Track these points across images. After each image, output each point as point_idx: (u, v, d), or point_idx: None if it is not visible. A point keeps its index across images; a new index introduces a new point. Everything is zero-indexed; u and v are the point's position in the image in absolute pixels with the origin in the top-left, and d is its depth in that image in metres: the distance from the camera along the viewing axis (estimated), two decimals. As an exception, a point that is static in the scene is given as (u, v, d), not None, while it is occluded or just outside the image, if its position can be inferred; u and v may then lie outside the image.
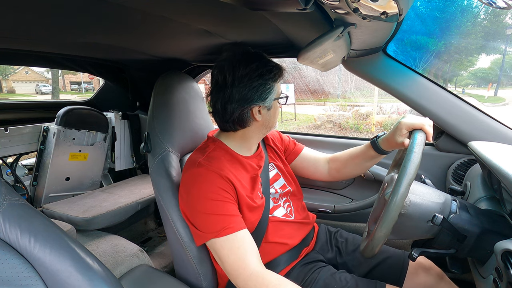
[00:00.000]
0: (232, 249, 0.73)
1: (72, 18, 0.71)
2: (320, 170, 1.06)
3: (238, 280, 0.72)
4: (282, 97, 0.87)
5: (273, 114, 0.87)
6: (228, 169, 0.80)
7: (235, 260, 0.72)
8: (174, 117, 0.98)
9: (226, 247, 0.73)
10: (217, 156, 0.82)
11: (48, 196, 1.56)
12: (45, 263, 0.48)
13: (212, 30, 0.83)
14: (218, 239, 0.74)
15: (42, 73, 22.90)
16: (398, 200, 0.59)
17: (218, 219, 0.74)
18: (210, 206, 0.75)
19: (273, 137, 1.06)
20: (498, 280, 0.56)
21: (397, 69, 1.06)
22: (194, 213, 0.79)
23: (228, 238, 0.73)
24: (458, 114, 1.02)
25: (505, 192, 0.71)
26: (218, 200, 0.76)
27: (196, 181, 0.78)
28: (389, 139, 0.86)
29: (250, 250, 0.74)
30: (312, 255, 0.94)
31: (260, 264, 0.73)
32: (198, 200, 0.76)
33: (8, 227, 0.48)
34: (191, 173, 0.81)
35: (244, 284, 0.71)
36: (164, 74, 1.03)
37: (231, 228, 0.74)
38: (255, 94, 0.79)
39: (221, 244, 0.74)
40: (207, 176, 0.77)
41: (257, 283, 0.70)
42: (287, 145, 1.08)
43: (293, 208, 0.96)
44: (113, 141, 1.79)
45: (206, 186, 0.76)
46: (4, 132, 1.42)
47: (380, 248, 0.63)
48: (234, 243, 0.74)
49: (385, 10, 0.49)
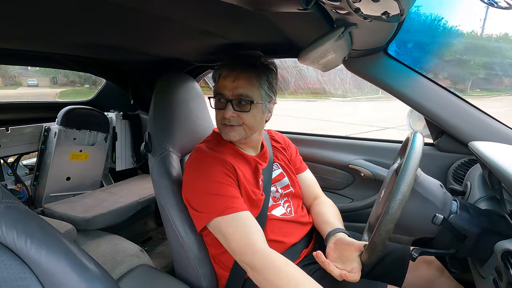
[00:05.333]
0: (238, 227, 0.73)
1: (72, 18, 0.71)
2: (306, 197, 1.07)
3: (245, 257, 0.71)
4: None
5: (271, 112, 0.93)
6: (231, 159, 0.83)
7: (241, 238, 0.72)
8: (174, 117, 0.98)
9: (231, 225, 0.73)
10: (221, 149, 0.86)
11: (48, 195, 1.56)
12: (41, 264, 0.48)
13: (213, 30, 0.83)
14: (223, 217, 0.74)
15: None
16: (397, 207, 0.58)
17: (221, 199, 0.75)
18: (214, 187, 0.76)
19: (280, 139, 1.09)
20: (498, 280, 0.56)
21: (398, 69, 1.06)
22: (197, 195, 0.79)
23: (233, 216, 0.74)
24: (458, 114, 1.01)
25: (505, 192, 0.71)
26: (221, 182, 0.77)
27: (200, 166, 0.81)
28: (334, 247, 0.83)
29: (255, 229, 0.74)
30: (312, 256, 0.93)
31: (266, 244, 0.73)
32: (202, 182, 0.78)
33: (5, 229, 0.48)
34: (195, 158, 0.84)
35: (251, 260, 0.70)
36: (165, 75, 1.03)
37: (234, 207, 0.74)
38: (275, 93, 0.90)
39: (226, 223, 0.74)
40: (212, 162, 0.80)
41: (264, 260, 0.69)
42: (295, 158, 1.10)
43: (292, 208, 0.96)
44: (114, 141, 1.79)
45: (210, 170, 0.79)
46: (5, 132, 1.43)
47: (377, 256, 0.64)
48: (240, 222, 0.74)
49: (386, 10, 0.49)
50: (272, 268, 0.68)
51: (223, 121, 0.85)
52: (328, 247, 0.87)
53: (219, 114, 0.85)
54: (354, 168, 1.31)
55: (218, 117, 0.87)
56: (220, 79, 0.85)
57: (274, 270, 0.68)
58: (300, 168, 1.10)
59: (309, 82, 5.98)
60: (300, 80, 5.05)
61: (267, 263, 0.69)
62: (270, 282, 0.68)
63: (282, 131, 1.55)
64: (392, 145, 1.30)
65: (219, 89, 0.85)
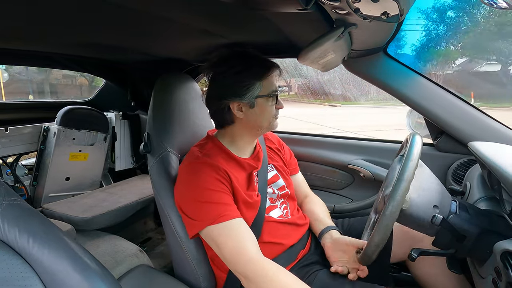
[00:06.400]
0: (230, 235, 0.73)
1: (72, 18, 0.71)
2: (297, 196, 1.08)
3: (237, 266, 0.71)
4: (269, 95, 0.85)
5: (260, 113, 0.86)
6: (223, 165, 0.82)
7: (233, 246, 0.72)
8: (174, 118, 0.98)
9: (223, 234, 0.73)
10: (214, 154, 0.85)
11: (48, 196, 1.56)
12: (43, 263, 0.48)
13: (213, 30, 0.83)
14: (215, 226, 0.73)
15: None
16: (395, 206, 0.58)
17: (214, 207, 0.75)
18: (206, 194, 0.76)
19: (274, 140, 1.09)
20: (497, 280, 0.56)
21: (398, 70, 1.06)
22: (189, 202, 0.79)
23: (226, 224, 0.73)
24: (458, 114, 1.02)
25: (504, 193, 0.71)
26: (214, 189, 0.77)
27: (192, 172, 0.80)
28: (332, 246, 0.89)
29: (248, 237, 0.74)
30: (309, 257, 0.94)
31: (259, 252, 0.73)
32: (194, 189, 0.77)
33: (7, 227, 0.48)
34: (188, 164, 0.84)
35: (243, 269, 0.70)
36: (164, 74, 1.03)
37: (227, 215, 0.74)
38: (228, 91, 0.83)
39: (218, 231, 0.74)
40: (204, 168, 0.80)
41: (256, 269, 0.69)
42: (290, 160, 1.10)
43: (289, 210, 0.96)
44: (113, 141, 1.79)
45: (202, 176, 0.78)
46: (5, 132, 1.42)
47: (377, 255, 0.64)
48: (232, 230, 0.74)
49: (386, 11, 0.49)
50: (265, 276, 0.69)
51: (277, 113, 0.89)
52: (326, 247, 0.90)
53: (274, 109, 0.88)
54: (353, 168, 1.31)
55: (272, 113, 0.87)
56: (269, 78, 0.85)
57: (267, 278, 0.68)
58: (295, 169, 1.11)
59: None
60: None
61: (260, 272, 0.69)
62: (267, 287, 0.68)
63: (281, 131, 1.55)
64: (392, 145, 1.30)
65: (274, 86, 0.87)
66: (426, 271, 0.92)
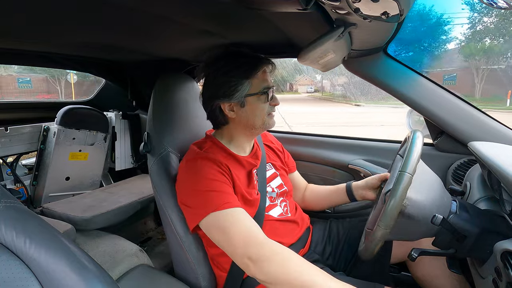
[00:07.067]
0: (238, 220, 0.71)
1: (72, 18, 0.71)
2: (296, 195, 1.13)
3: (249, 249, 0.67)
4: (260, 93, 0.83)
5: (251, 111, 0.84)
6: (224, 161, 0.83)
7: (243, 231, 0.69)
8: (174, 117, 0.98)
9: (229, 220, 0.71)
10: (213, 152, 0.85)
11: (48, 195, 1.56)
12: (40, 264, 0.48)
13: (213, 30, 0.83)
14: (220, 212, 0.71)
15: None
16: (398, 198, 0.59)
17: (216, 195, 0.74)
18: (209, 183, 0.76)
19: (273, 139, 1.10)
20: (497, 280, 0.56)
21: (398, 70, 1.06)
22: (191, 193, 0.77)
23: (231, 211, 0.72)
24: (458, 114, 1.01)
25: (504, 193, 0.71)
26: (217, 180, 0.77)
27: (193, 166, 0.80)
28: (362, 189, 0.99)
29: (254, 224, 0.72)
30: (308, 256, 0.94)
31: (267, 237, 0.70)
32: (196, 181, 0.77)
33: (4, 229, 0.48)
34: (188, 160, 0.84)
35: (257, 251, 0.66)
36: (164, 74, 1.03)
37: (231, 203, 0.73)
38: (218, 91, 0.83)
39: (224, 217, 0.71)
40: (205, 161, 0.80)
41: (272, 251, 0.66)
42: (287, 159, 1.11)
43: (289, 208, 0.97)
44: (113, 141, 1.79)
45: (204, 168, 0.78)
46: (5, 131, 1.43)
47: (378, 250, 0.64)
48: (239, 216, 0.72)
49: (386, 11, 0.49)
50: (281, 254, 0.65)
51: (272, 110, 0.88)
52: (367, 195, 0.98)
53: (267, 106, 0.86)
54: (353, 168, 1.30)
55: (265, 110, 0.86)
56: (259, 75, 0.84)
57: (284, 256, 0.65)
58: (293, 168, 1.13)
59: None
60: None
61: (276, 251, 0.66)
62: (282, 267, 0.63)
63: (282, 131, 1.55)
64: (392, 145, 1.30)
65: (266, 83, 0.85)
66: (426, 271, 0.92)
